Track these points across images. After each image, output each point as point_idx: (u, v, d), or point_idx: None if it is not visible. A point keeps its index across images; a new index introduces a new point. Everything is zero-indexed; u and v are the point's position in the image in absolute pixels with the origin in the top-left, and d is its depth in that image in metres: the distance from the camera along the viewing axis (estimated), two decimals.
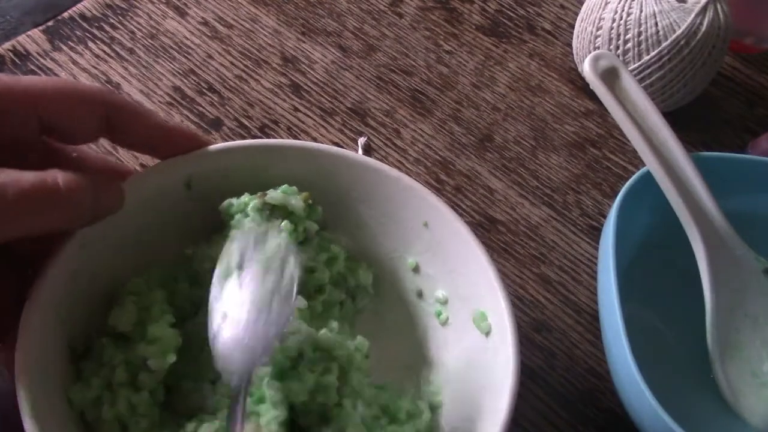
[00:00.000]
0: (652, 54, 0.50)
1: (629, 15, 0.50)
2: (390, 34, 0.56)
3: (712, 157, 0.42)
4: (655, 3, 0.50)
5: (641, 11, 0.50)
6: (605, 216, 0.44)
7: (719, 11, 0.50)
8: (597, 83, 0.41)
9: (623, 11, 0.50)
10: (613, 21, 0.51)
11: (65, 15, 0.53)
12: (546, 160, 0.51)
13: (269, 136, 0.49)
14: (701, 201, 0.39)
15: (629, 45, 0.50)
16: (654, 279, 0.42)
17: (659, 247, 0.42)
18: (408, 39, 0.56)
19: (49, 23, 0.53)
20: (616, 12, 0.51)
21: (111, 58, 0.52)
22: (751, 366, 0.39)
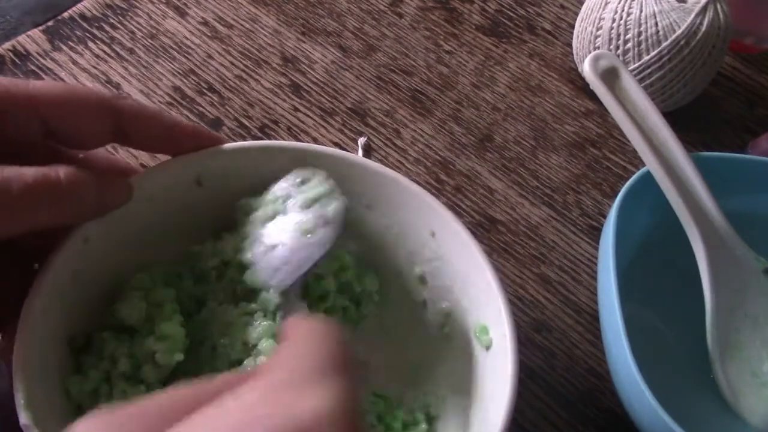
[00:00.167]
0: (652, 54, 0.50)
1: (629, 15, 0.50)
2: (390, 34, 0.56)
3: (712, 157, 0.42)
4: (655, 3, 0.50)
5: (641, 11, 0.50)
6: (605, 216, 0.44)
7: (719, 11, 0.50)
8: (597, 83, 0.41)
9: (623, 11, 0.50)
10: (613, 21, 0.51)
11: (65, 15, 0.53)
12: (546, 160, 0.51)
13: (269, 136, 0.49)
14: (701, 201, 0.39)
15: (629, 45, 0.50)
16: (654, 279, 0.42)
17: (659, 247, 0.42)
18: (408, 39, 0.56)
19: (49, 23, 0.53)
20: (616, 12, 0.51)
21: (111, 58, 0.52)
22: (751, 366, 0.39)
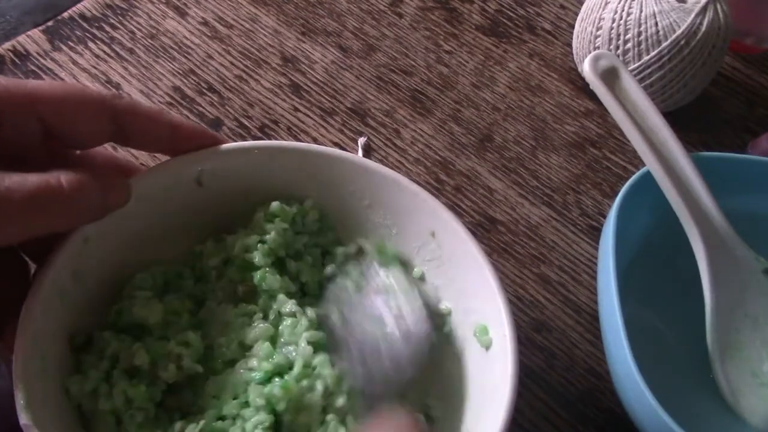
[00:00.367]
0: (652, 54, 0.50)
1: (629, 15, 0.50)
2: (390, 34, 0.56)
3: (712, 157, 0.42)
4: (655, 3, 0.50)
5: (641, 11, 0.50)
6: (605, 216, 0.44)
7: (719, 11, 0.50)
8: (597, 83, 0.41)
9: (623, 11, 0.50)
10: (613, 21, 0.51)
11: (65, 15, 0.53)
12: (546, 160, 0.51)
13: (269, 136, 0.49)
14: (701, 201, 0.39)
15: (629, 45, 0.50)
16: (654, 279, 0.42)
17: (659, 247, 0.42)
18: (408, 39, 0.56)
19: (49, 23, 0.53)
20: (616, 12, 0.51)
21: (111, 58, 0.52)
22: (751, 366, 0.39)
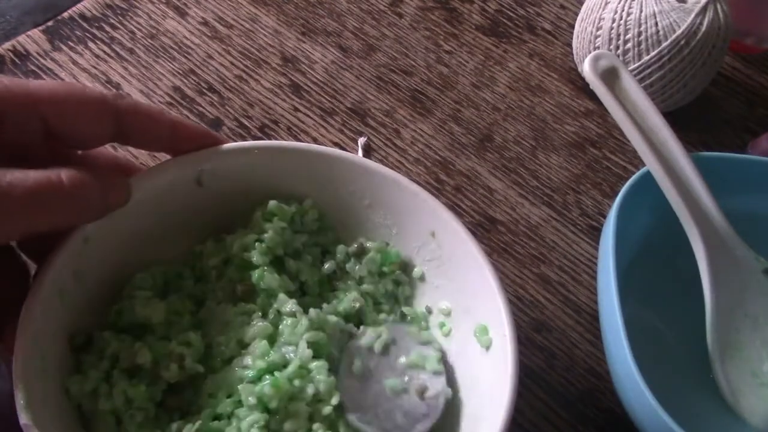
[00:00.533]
0: (652, 54, 0.50)
1: (629, 15, 0.50)
2: (390, 34, 0.56)
3: (712, 157, 0.42)
4: (655, 3, 0.50)
5: (641, 11, 0.50)
6: (605, 216, 0.44)
7: (719, 11, 0.50)
8: (597, 83, 0.41)
9: (623, 11, 0.50)
10: (613, 21, 0.51)
11: (65, 15, 0.53)
12: (546, 160, 0.51)
13: (269, 136, 0.49)
14: (701, 201, 0.39)
15: (629, 45, 0.50)
16: (654, 279, 0.42)
17: (659, 247, 0.42)
18: (408, 39, 0.56)
19: (49, 23, 0.53)
20: (616, 12, 0.51)
21: (111, 58, 0.52)
22: (751, 366, 0.39)
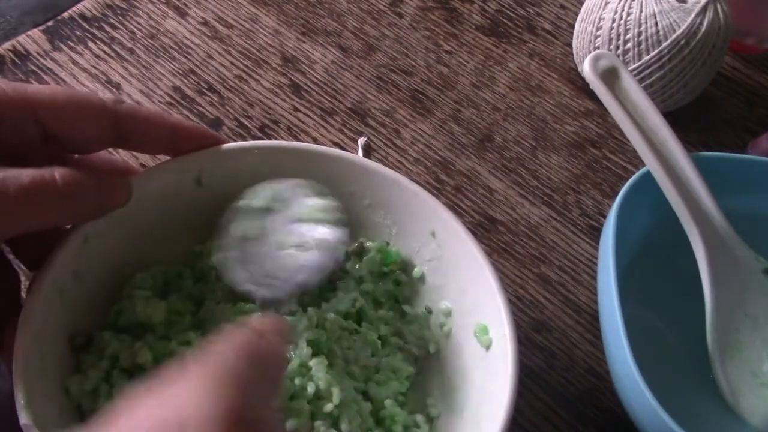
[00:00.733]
0: (652, 54, 0.50)
1: (629, 15, 0.50)
2: (390, 34, 0.56)
3: (712, 157, 0.42)
4: (655, 3, 0.50)
5: (641, 11, 0.50)
6: (605, 216, 0.44)
7: (719, 11, 0.50)
8: (597, 83, 0.41)
9: (623, 11, 0.50)
10: (613, 21, 0.51)
11: (65, 15, 0.53)
12: (546, 160, 0.51)
13: (269, 136, 0.49)
14: (701, 201, 0.39)
15: (629, 45, 0.50)
16: (654, 279, 0.42)
17: (659, 247, 0.42)
18: (408, 39, 0.56)
19: (49, 23, 0.53)
20: (616, 12, 0.50)
21: (111, 58, 0.52)
22: (751, 366, 0.39)
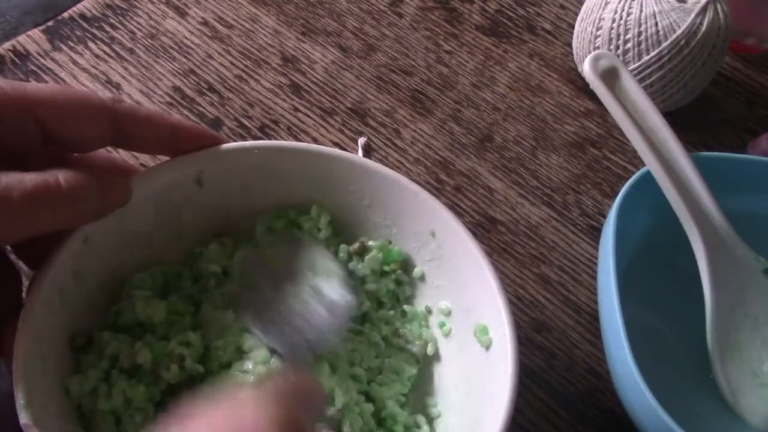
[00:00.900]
0: (652, 54, 0.50)
1: (629, 15, 0.50)
2: (390, 34, 0.56)
3: (712, 157, 0.42)
4: (655, 3, 0.50)
5: (641, 11, 0.50)
6: (605, 216, 0.44)
7: (719, 11, 0.50)
8: (597, 83, 0.41)
9: (623, 11, 0.50)
10: (613, 21, 0.51)
11: (65, 15, 0.53)
12: (546, 160, 0.51)
13: (269, 136, 0.49)
14: (701, 201, 0.39)
15: (629, 45, 0.50)
16: (654, 279, 0.42)
17: (659, 247, 0.42)
18: (408, 39, 0.56)
19: (49, 23, 0.53)
20: (616, 12, 0.51)
21: (111, 58, 0.52)
22: (751, 366, 0.39)
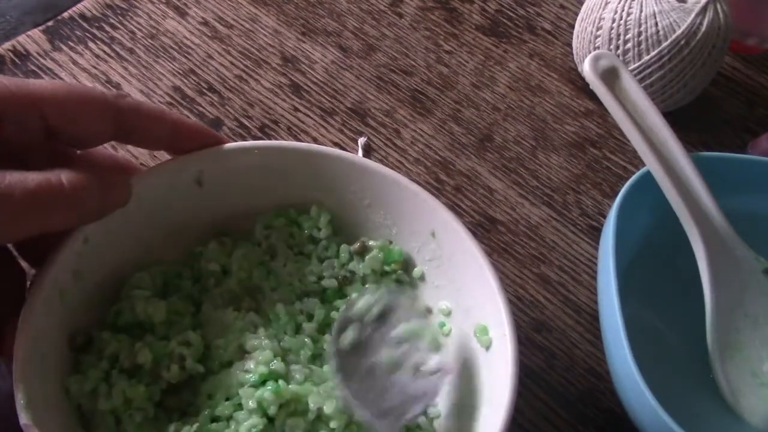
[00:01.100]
0: (652, 54, 0.50)
1: (629, 15, 0.50)
2: (390, 34, 0.56)
3: (712, 157, 0.42)
4: (655, 3, 0.50)
5: (641, 11, 0.50)
6: (605, 216, 0.44)
7: (719, 11, 0.50)
8: (597, 83, 0.41)
9: (623, 11, 0.50)
10: (613, 21, 0.51)
11: (65, 15, 0.53)
12: (546, 160, 0.51)
13: (269, 136, 0.49)
14: (701, 201, 0.39)
15: (629, 45, 0.50)
16: (654, 279, 0.42)
17: (659, 247, 0.42)
18: (408, 39, 0.56)
19: (49, 23, 0.53)
20: (616, 12, 0.50)
21: (111, 58, 0.52)
22: (751, 366, 0.39)
